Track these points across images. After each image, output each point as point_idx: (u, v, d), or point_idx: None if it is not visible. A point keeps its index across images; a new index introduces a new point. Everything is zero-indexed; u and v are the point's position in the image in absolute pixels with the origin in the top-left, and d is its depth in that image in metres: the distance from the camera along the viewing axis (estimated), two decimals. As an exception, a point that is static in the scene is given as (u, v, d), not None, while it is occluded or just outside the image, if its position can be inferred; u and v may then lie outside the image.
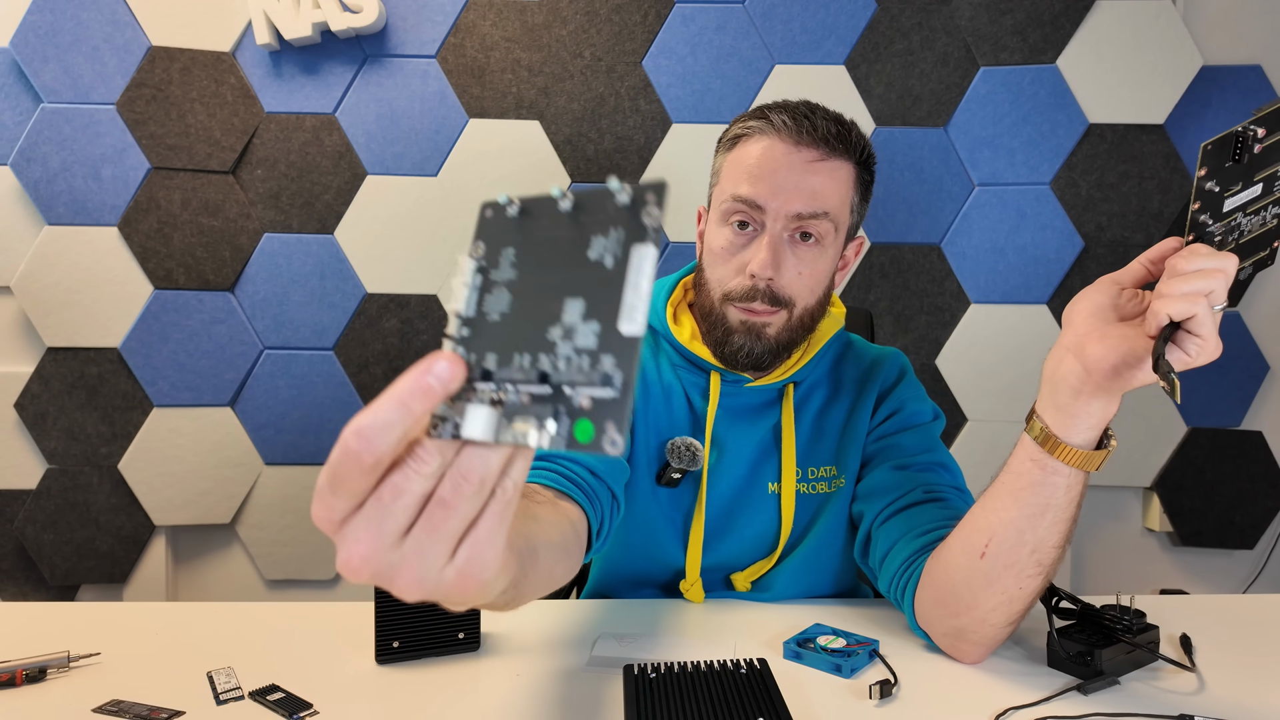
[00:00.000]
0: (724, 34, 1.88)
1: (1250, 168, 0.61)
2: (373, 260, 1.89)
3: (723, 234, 0.92)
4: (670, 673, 0.69)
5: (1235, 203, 0.62)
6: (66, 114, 1.82)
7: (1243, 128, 0.60)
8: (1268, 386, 1.93)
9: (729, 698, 0.65)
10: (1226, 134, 0.60)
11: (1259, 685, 0.72)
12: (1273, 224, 0.64)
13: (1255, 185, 0.62)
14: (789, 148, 0.88)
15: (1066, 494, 0.69)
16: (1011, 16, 1.87)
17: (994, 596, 0.72)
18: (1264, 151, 0.61)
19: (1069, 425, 0.67)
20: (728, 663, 0.70)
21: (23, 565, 1.91)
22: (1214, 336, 0.60)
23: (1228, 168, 0.61)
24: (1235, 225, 0.63)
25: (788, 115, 0.89)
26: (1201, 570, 2.00)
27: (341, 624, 0.84)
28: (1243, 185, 0.62)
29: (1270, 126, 0.60)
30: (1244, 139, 0.60)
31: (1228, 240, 0.64)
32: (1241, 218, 0.63)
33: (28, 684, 0.71)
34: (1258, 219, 0.64)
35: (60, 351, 1.87)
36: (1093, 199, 1.88)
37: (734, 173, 0.91)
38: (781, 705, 0.63)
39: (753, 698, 0.65)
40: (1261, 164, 0.61)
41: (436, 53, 1.87)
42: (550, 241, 0.33)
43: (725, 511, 0.98)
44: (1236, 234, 0.64)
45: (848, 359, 1.03)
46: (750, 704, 0.64)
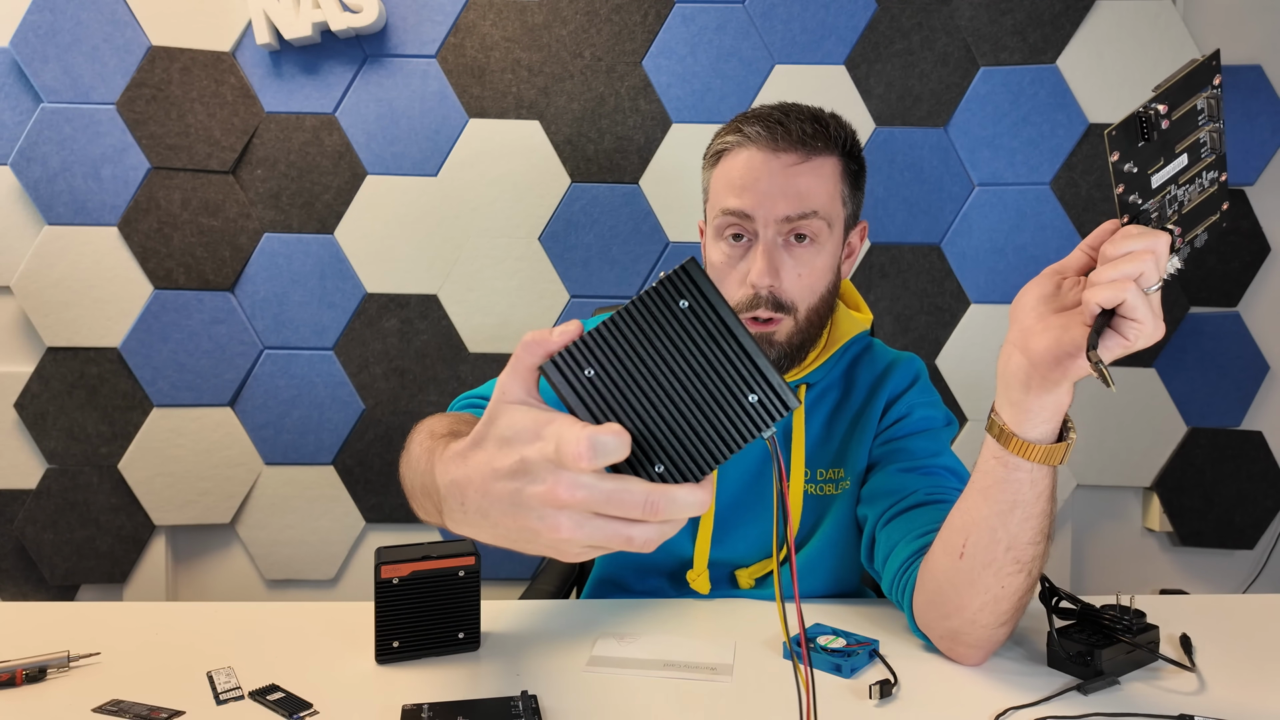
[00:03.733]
0: (724, 34, 1.88)
1: (1166, 143, 0.60)
2: (373, 260, 1.89)
3: (719, 249, 0.95)
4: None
5: (1163, 177, 0.61)
6: (66, 114, 1.82)
7: (1143, 107, 0.59)
8: (1268, 386, 1.93)
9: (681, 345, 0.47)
10: (1129, 116, 0.59)
11: (1259, 685, 0.72)
12: (1213, 189, 0.63)
13: (1179, 157, 0.61)
14: (767, 155, 0.90)
15: (1032, 489, 0.69)
16: (1011, 16, 1.87)
17: (978, 596, 0.72)
18: (1175, 125, 0.60)
19: (1023, 420, 0.67)
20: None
21: (23, 565, 1.91)
22: (1151, 318, 0.60)
23: (1141, 148, 0.60)
24: (1173, 198, 0.62)
25: (761, 125, 0.91)
26: (1201, 570, 2.00)
27: (341, 624, 0.84)
28: (1164, 160, 0.61)
29: (1172, 101, 0.59)
30: (1148, 119, 0.59)
31: (1167, 213, 0.63)
32: (1176, 189, 0.62)
33: (28, 684, 0.71)
34: (1194, 187, 0.63)
35: (60, 351, 1.87)
36: (1093, 199, 1.88)
37: (720, 188, 0.94)
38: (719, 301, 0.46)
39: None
40: (1177, 136, 0.60)
41: (436, 53, 1.87)
42: None
43: (733, 507, 0.99)
44: (1176, 205, 0.63)
45: (863, 362, 1.03)
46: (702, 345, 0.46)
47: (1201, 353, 1.91)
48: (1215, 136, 0.61)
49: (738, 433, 0.45)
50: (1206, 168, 0.62)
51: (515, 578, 1.92)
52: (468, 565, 0.77)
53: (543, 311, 1.91)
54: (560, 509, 0.45)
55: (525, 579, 1.92)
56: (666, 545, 0.99)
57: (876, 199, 1.89)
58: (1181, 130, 0.60)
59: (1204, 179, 0.63)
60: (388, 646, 0.75)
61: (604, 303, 1.86)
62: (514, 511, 0.47)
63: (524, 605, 0.91)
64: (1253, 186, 1.89)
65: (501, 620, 0.85)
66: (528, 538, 0.48)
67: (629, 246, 1.90)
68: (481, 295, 1.90)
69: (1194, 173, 0.62)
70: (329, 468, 1.92)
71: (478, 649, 0.79)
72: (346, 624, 0.84)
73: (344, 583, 1.97)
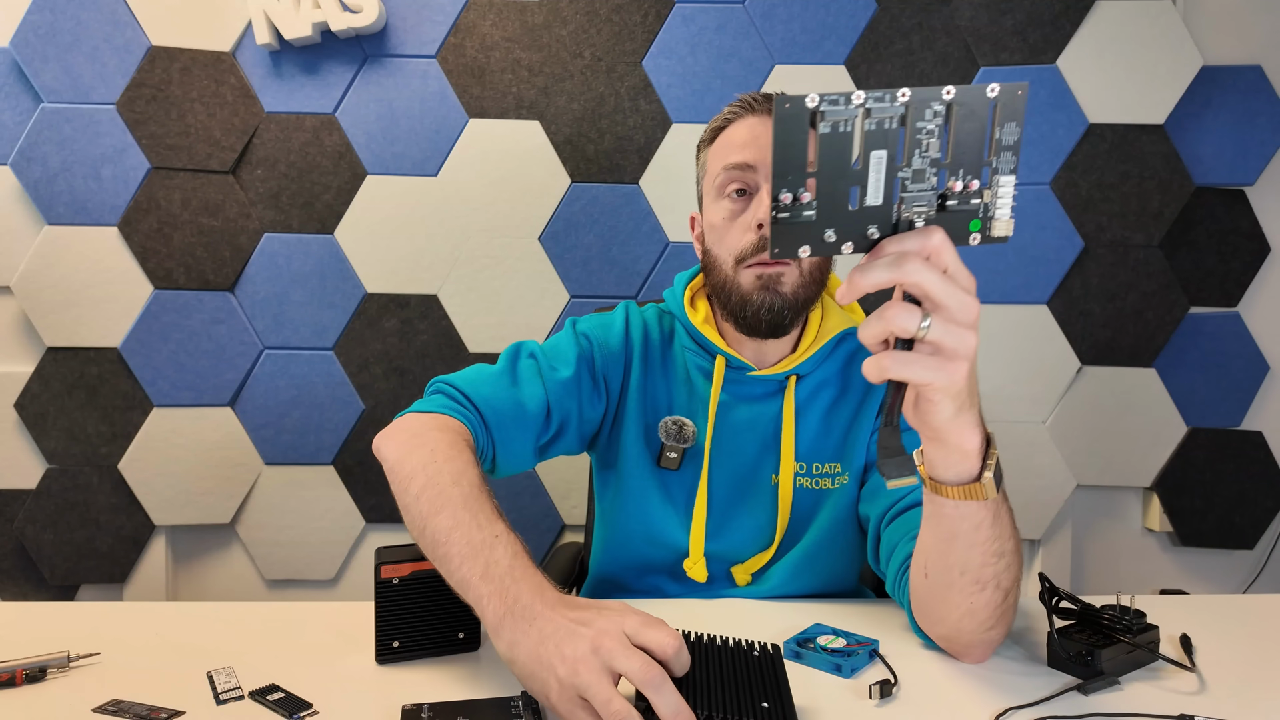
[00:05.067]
0: (724, 34, 1.88)
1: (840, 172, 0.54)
2: (373, 260, 1.89)
3: (720, 207, 0.96)
4: (685, 640, 0.67)
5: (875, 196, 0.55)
6: (66, 114, 1.82)
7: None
8: (1268, 386, 1.93)
9: (739, 678, 0.64)
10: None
11: (1259, 685, 0.72)
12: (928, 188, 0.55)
13: (871, 179, 0.54)
14: (764, 117, 0.96)
15: (966, 522, 0.67)
16: (1011, 16, 1.87)
17: (952, 611, 0.73)
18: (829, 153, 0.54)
19: (933, 464, 0.66)
20: (742, 642, 0.69)
21: (23, 565, 1.91)
22: (934, 360, 0.56)
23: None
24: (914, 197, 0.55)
25: (759, 95, 0.98)
26: (1201, 570, 2.00)
27: (341, 624, 0.84)
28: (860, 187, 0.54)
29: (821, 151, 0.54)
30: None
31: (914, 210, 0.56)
32: (909, 188, 0.55)
33: (28, 684, 0.71)
34: (918, 191, 0.55)
35: (60, 351, 1.87)
36: (1092, 199, 1.88)
37: (721, 153, 0.97)
38: (788, 695, 0.63)
39: (761, 682, 0.64)
40: (840, 156, 0.54)
41: (436, 53, 1.87)
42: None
43: (727, 500, 0.99)
44: (924, 205, 0.56)
45: (859, 359, 1.04)
46: (759, 689, 0.63)
47: (1201, 353, 1.91)
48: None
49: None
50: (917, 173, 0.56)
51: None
52: (468, 565, 0.77)
53: (543, 312, 1.91)
54: (598, 652, 0.58)
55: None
56: (663, 540, 1.00)
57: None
58: (837, 149, 0.55)
59: (921, 185, 0.56)
60: (388, 646, 0.75)
61: (604, 303, 1.86)
62: (563, 638, 0.59)
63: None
64: (1252, 186, 1.89)
65: (501, 620, 0.85)
66: (548, 666, 0.59)
67: (629, 246, 1.90)
68: (481, 295, 1.90)
69: (905, 180, 0.56)
70: (329, 468, 1.92)
71: (478, 649, 0.78)
72: (346, 624, 0.84)
73: (344, 583, 1.97)
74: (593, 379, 1.01)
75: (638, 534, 1.01)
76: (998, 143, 0.54)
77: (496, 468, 0.95)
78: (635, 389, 1.02)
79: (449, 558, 0.69)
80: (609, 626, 0.60)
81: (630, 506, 1.01)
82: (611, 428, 1.03)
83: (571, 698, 0.58)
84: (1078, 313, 1.90)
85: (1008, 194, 0.56)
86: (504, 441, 0.93)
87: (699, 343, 1.02)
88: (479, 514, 0.72)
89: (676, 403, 1.01)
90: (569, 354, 1.00)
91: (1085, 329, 1.90)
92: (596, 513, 1.08)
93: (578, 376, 0.99)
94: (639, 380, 1.02)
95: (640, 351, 1.03)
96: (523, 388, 0.96)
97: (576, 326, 1.05)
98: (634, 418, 1.01)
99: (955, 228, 0.57)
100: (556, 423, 0.98)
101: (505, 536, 0.70)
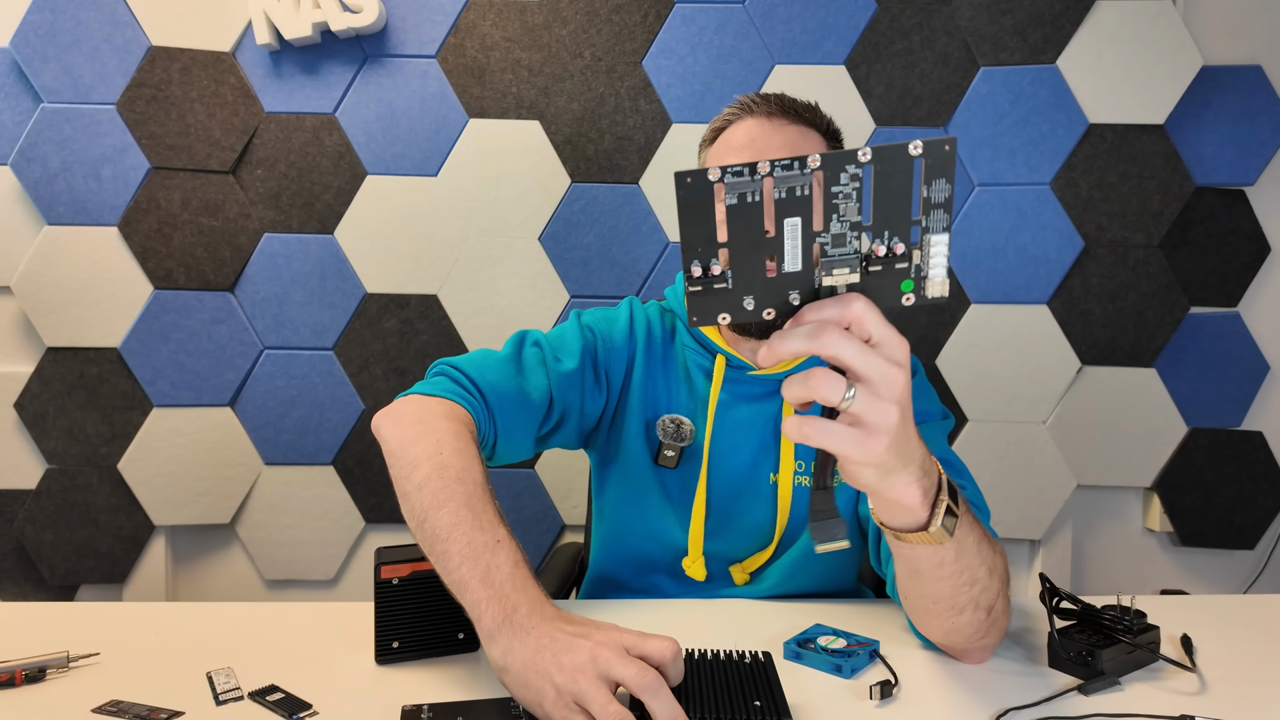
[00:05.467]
0: (724, 34, 1.88)
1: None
2: (373, 260, 1.89)
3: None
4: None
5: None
6: (66, 114, 1.82)
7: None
8: (1268, 386, 1.93)
9: (730, 684, 0.66)
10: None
11: (1260, 686, 0.72)
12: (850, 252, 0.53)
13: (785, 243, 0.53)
14: (763, 119, 0.98)
15: (927, 561, 0.66)
16: (1012, 16, 1.87)
17: (937, 629, 0.73)
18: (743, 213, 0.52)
19: (878, 513, 0.64)
20: (733, 653, 0.71)
21: (22, 565, 1.91)
22: (854, 433, 0.53)
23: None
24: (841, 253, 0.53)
25: (758, 96, 1.00)
26: (1202, 571, 2.00)
27: (341, 624, 0.84)
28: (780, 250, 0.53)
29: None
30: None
31: (846, 258, 0.53)
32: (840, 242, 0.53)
33: (27, 684, 0.71)
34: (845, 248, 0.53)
35: (60, 351, 1.86)
36: (1093, 199, 1.88)
37: (720, 154, 0.99)
38: (780, 694, 0.64)
39: (754, 685, 0.66)
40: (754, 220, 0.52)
41: (436, 53, 1.87)
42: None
43: (727, 499, 0.99)
44: (846, 270, 0.53)
45: None
46: (751, 691, 0.65)
47: (1202, 353, 1.91)
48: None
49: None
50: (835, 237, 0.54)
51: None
52: (467, 565, 0.77)
53: (542, 312, 1.91)
54: (595, 661, 0.59)
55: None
56: (661, 538, 1.00)
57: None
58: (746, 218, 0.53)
59: (846, 245, 0.54)
60: (387, 647, 0.75)
61: (604, 303, 1.85)
62: (561, 649, 0.60)
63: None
64: (1253, 187, 1.89)
65: (501, 620, 0.85)
66: (545, 674, 0.60)
67: (629, 246, 1.90)
68: (481, 295, 1.90)
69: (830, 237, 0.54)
70: (329, 468, 1.92)
71: (477, 649, 0.78)
72: (346, 624, 0.84)
73: (343, 583, 1.97)
74: (595, 373, 1.01)
75: (636, 531, 1.01)
76: (927, 201, 0.51)
77: (495, 454, 0.95)
78: (637, 385, 1.02)
79: (448, 555, 0.69)
80: (606, 639, 0.61)
81: (629, 504, 1.01)
82: (611, 423, 1.03)
83: (568, 704, 0.58)
84: (1078, 313, 1.90)
85: (941, 253, 0.53)
86: (506, 429, 0.93)
87: (699, 341, 1.02)
88: (482, 515, 0.71)
89: (677, 401, 1.01)
90: (574, 346, 1.00)
91: (1085, 329, 1.90)
92: (595, 510, 1.08)
93: (581, 369, 0.99)
94: (641, 377, 1.02)
95: (643, 348, 1.03)
96: (528, 376, 0.97)
97: (581, 319, 1.05)
98: (635, 414, 1.01)
99: (886, 290, 0.54)
100: (558, 413, 0.98)
101: (507, 543, 0.70)
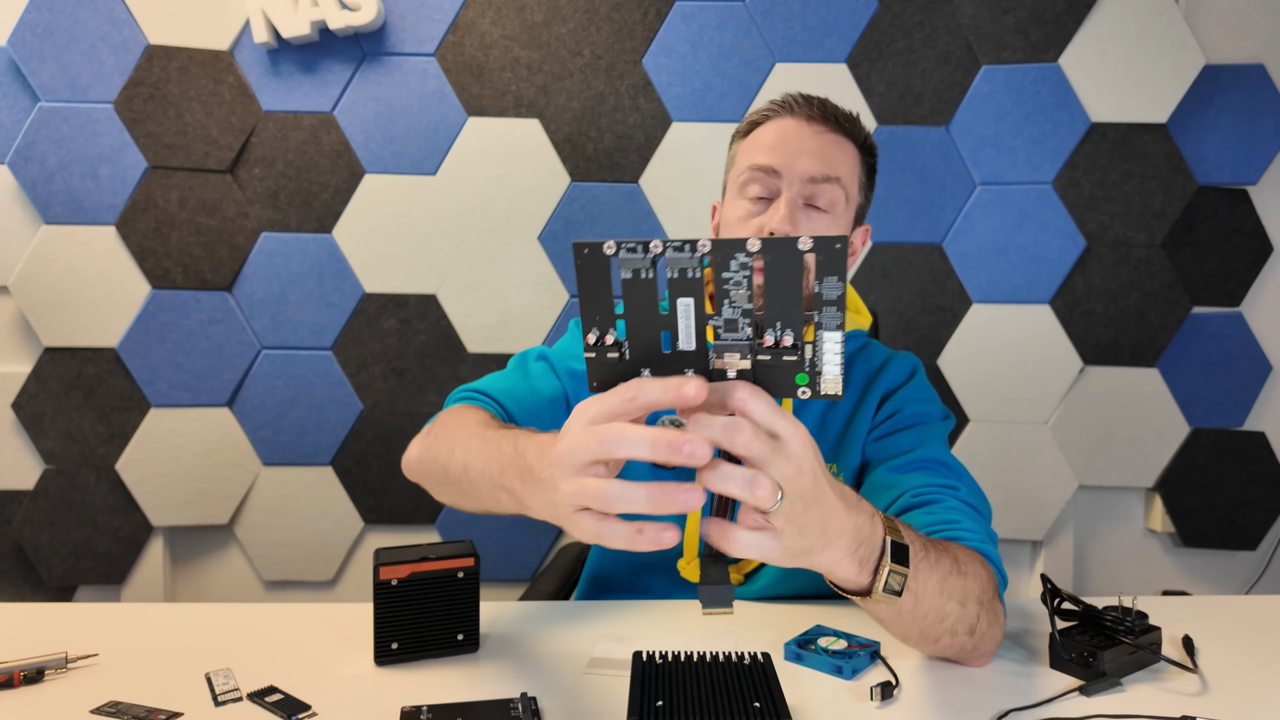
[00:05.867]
0: (724, 32, 1.87)
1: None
2: (371, 260, 1.89)
3: (738, 205, 0.96)
4: (676, 660, 0.70)
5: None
6: (64, 113, 1.81)
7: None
8: (1270, 387, 1.93)
9: (730, 685, 0.66)
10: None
11: (1261, 686, 0.72)
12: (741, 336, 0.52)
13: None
14: (801, 122, 0.96)
15: (885, 612, 0.66)
16: (1014, 15, 1.86)
17: (923, 649, 0.73)
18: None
19: (824, 574, 0.63)
20: (732, 655, 0.71)
21: (20, 566, 1.90)
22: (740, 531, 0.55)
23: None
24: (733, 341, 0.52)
25: (800, 97, 0.98)
26: (1204, 571, 1.99)
27: (340, 625, 0.84)
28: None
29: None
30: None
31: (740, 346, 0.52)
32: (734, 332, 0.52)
33: (25, 685, 0.70)
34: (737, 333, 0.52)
35: (58, 351, 1.86)
36: (1095, 198, 1.88)
37: (750, 150, 0.97)
38: (779, 695, 0.64)
39: (753, 687, 0.66)
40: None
41: (435, 51, 1.87)
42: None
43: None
44: (737, 355, 0.52)
45: (859, 359, 1.03)
46: (750, 692, 0.65)
47: (1204, 353, 1.91)
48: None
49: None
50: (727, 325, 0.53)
51: (515, 579, 1.92)
52: (467, 566, 0.76)
53: (542, 311, 1.91)
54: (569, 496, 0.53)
55: (525, 580, 1.92)
56: None
57: (878, 198, 1.88)
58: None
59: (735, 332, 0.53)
60: (387, 648, 0.75)
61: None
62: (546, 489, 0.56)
63: (523, 607, 0.91)
64: (1254, 186, 1.88)
65: (501, 621, 0.85)
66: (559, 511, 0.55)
67: (629, 246, 1.90)
68: (481, 295, 1.90)
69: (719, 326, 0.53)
70: (327, 468, 1.91)
71: (477, 650, 0.78)
72: (345, 625, 0.84)
73: (342, 584, 1.97)
74: None
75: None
76: (819, 297, 0.50)
77: None
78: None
79: (473, 481, 0.70)
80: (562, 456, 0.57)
81: None
82: None
83: (579, 515, 0.55)
84: (1080, 312, 1.90)
85: (834, 351, 0.51)
86: (523, 423, 0.94)
87: None
88: (494, 432, 0.72)
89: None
90: (578, 350, 1.02)
91: (1087, 329, 1.90)
92: None
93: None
94: None
95: None
96: (535, 380, 1.00)
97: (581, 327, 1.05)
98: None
99: (781, 380, 0.52)
100: (573, 409, 0.98)
101: (512, 431, 0.69)
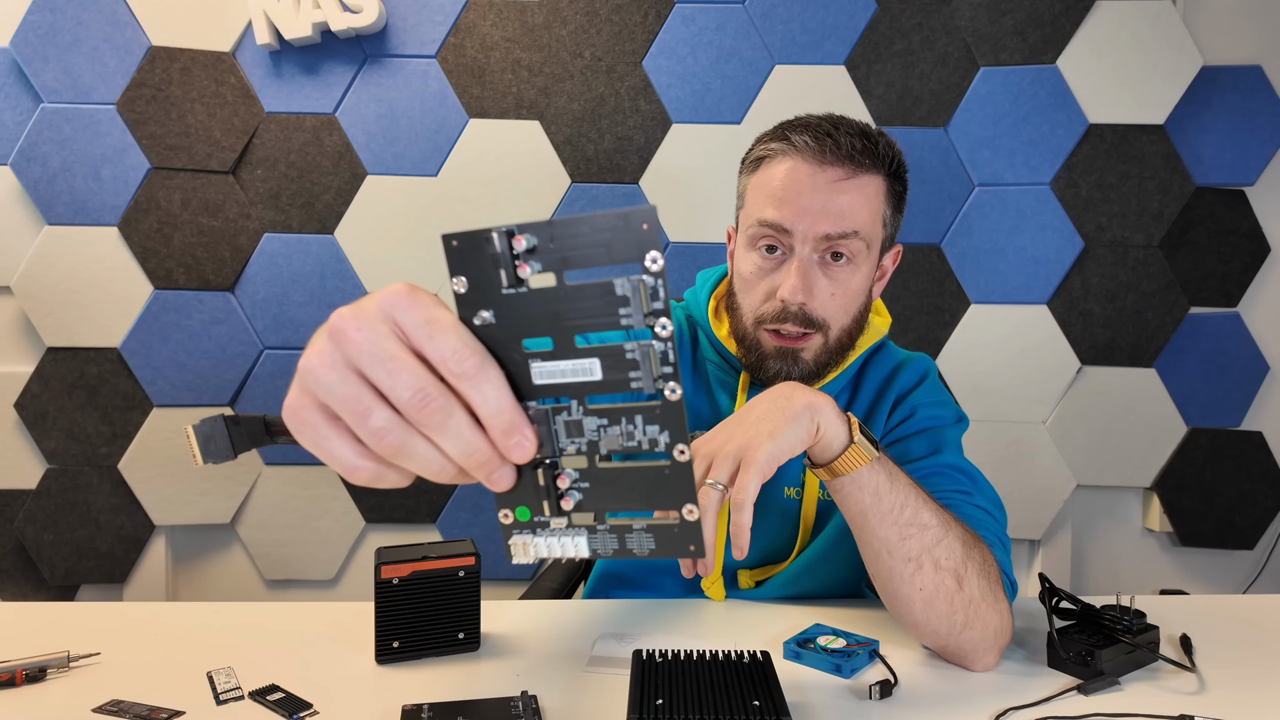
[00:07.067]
0: (724, 34, 1.88)
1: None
2: (373, 260, 1.89)
3: (751, 259, 0.92)
4: (676, 659, 0.71)
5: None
6: (66, 114, 1.82)
7: None
8: (1267, 387, 1.93)
9: (729, 684, 0.66)
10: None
11: (1259, 686, 0.72)
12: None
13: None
14: (813, 168, 0.87)
15: (866, 490, 0.71)
16: (1011, 17, 1.87)
17: (914, 608, 0.73)
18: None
19: (812, 453, 0.72)
20: (731, 653, 0.71)
21: (22, 565, 1.91)
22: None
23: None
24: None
25: (810, 135, 0.87)
26: (1202, 571, 2.00)
27: (341, 624, 0.84)
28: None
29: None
30: None
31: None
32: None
33: (27, 684, 0.71)
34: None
35: (60, 351, 1.86)
36: (1093, 199, 1.88)
37: (759, 196, 0.90)
38: (779, 694, 0.64)
39: (752, 685, 0.66)
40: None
41: (436, 53, 1.87)
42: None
43: None
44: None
45: (874, 363, 1.02)
46: (749, 691, 0.65)
47: (1201, 353, 1.91)
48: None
49: None
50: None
51: (516, 578, 1.92)
52: (468, 565, 0.77)
53: (543, 312, 1.91)
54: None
55: (526, 579, 1.92)
56: None
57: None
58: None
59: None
60: (388, 647, 0.75)
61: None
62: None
63: (524, 605, 0.91)
64: (1253, 187, 1.89)
65: (501, 620, 0.85)
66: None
67: (629, 247, 1.90)
68: (481, 295, 1.90)
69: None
70: (328, 468, 1.91)
71: (478, 649, 0.78)
72: (346, 624, 0.84)
73: (344, 583, 1.97)
74: None
75: None
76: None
77: None
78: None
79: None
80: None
81: None
82: None
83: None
84: (1078, 313, 1.90)
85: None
86: None
87: (722, 355, 1.00)
88: None
89: (699, 413, 1.00)
90: None
91: (1085, 329, 1.90)
92: None
93: None
94: None
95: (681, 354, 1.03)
96: None
97: None
98: None
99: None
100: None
101: None
